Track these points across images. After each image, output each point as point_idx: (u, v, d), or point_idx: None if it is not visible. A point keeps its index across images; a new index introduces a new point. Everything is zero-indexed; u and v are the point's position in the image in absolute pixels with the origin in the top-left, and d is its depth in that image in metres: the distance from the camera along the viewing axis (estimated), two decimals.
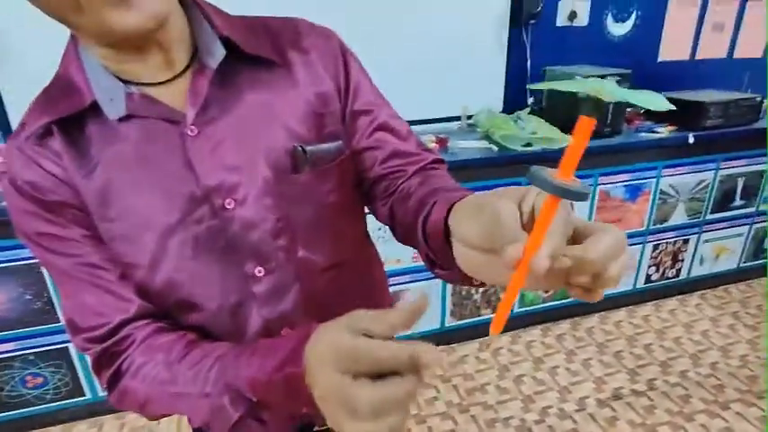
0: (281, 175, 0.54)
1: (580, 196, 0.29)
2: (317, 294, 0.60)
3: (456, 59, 2.04)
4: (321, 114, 0.57)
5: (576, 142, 0.28)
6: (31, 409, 1.70)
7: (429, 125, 2.08)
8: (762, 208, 2.39)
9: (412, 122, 1.98)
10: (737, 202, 2.33)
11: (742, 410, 1.80)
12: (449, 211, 0.43)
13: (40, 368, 1.65)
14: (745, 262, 2.54)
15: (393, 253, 1.83)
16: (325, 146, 0.57)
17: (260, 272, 0.56)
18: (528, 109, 2.09)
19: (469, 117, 2.11)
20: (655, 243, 2.27)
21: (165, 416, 0.55)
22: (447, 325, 2.09)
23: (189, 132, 0.51)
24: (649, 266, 2.32)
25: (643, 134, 2.02)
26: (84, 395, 1.75)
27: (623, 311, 2.37)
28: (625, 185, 2.08)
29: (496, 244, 0.33)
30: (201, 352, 0.51)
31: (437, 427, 1.75)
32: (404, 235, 0.57)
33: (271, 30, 0.57)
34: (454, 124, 2.12)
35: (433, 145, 1.87)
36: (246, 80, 0.54)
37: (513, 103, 2.18)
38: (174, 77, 0.51)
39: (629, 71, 1.93)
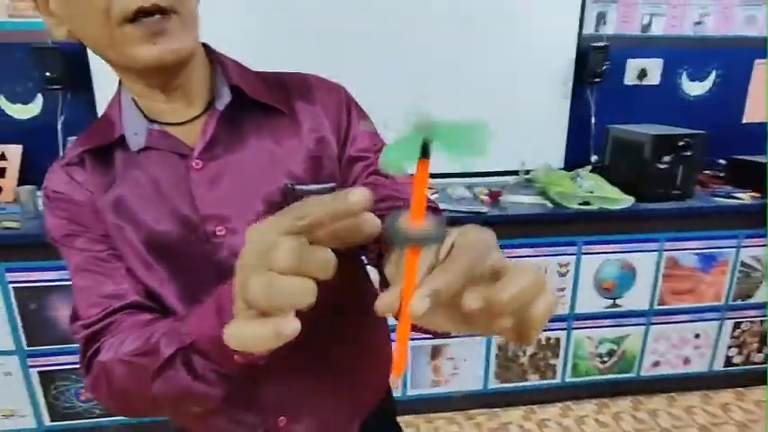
0: (272, 210, 0.57)
1: (433, 240, 0.28)
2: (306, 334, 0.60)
3: (516, 115, 2.02)
4: (319, 157, 0.61)
5: (416, 186, 0.27)
6: (81, 421, 1.80)
7: (484, 178, 2.06)
8: None
9: (466, 174, 1.99)
10: None
11: None
12: None
13: None
14: None
15: None
16: (316, 186, 0.60)
17: None
18: (589, 167, 2.01)
19: (527, 172, 2.07)
20: (736, 320, 2.03)
21: (135, 409, 0.56)
22: (490, 387, 1.97)
23: (194, 165, 0.57)
24: (729, 347, 2.06)
25: (719, 199, 1.86)
26: None
27: (696, 395, 2.10)
28: (696, 254, 1.90)
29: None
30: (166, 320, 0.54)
31: None
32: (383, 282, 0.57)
33: (282, 82, 0.64)
34: (510, 179, 2.08)
35: (485, 198, 1.84)
36: (252, 125, 0.60)
37: (574, 160, 2.12)
38: (193, 119, 0.58)
39: (704, 132, 1.81)
